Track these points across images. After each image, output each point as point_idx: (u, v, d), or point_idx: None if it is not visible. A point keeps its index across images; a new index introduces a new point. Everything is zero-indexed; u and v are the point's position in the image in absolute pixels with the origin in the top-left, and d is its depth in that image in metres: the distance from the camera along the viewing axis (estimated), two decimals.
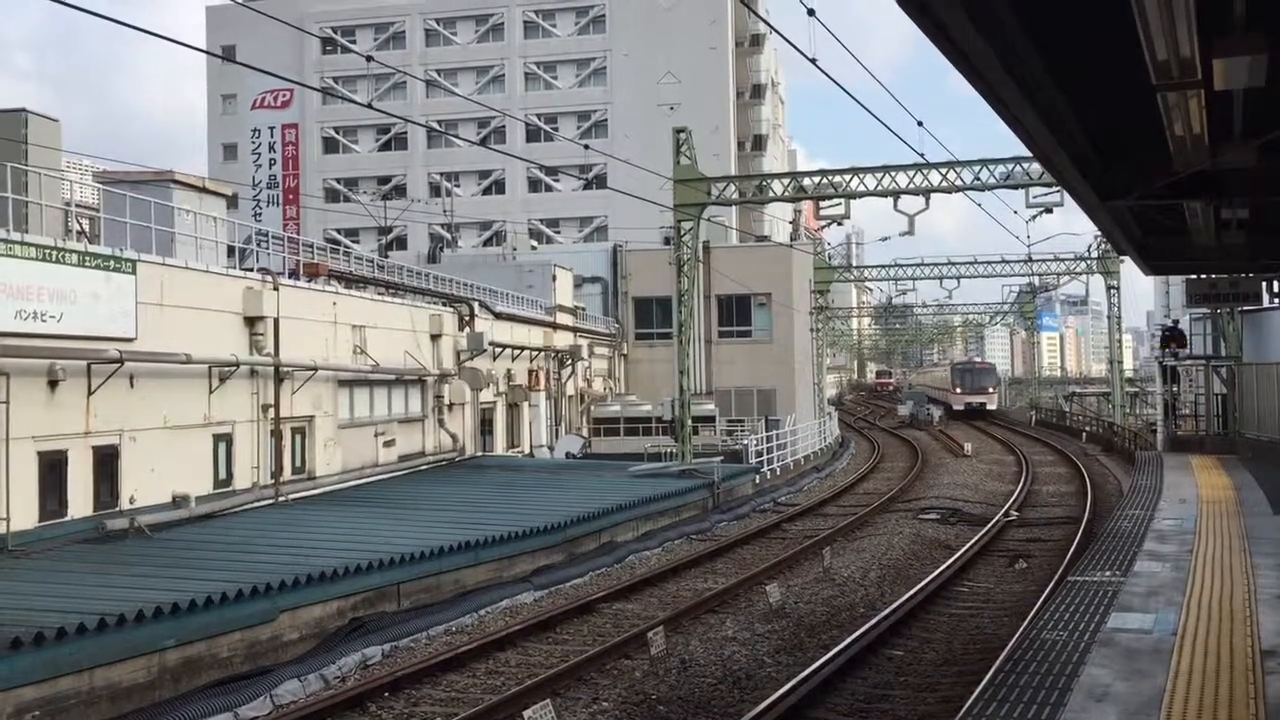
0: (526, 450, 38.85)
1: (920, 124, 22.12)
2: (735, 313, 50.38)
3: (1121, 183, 13.49)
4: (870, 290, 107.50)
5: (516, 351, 37.85)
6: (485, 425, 36.02)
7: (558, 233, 72.81)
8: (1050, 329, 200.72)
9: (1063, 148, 11.64)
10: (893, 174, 30.97)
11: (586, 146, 37.24)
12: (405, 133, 74.22)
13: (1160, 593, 10.56)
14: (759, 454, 38.01)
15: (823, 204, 34.25)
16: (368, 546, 17.52)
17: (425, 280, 36.61)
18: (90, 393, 19.28)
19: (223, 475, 22.77)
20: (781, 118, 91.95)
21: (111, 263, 19.81)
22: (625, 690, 12.69)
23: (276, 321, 24.07)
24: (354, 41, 74.23)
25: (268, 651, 14.18)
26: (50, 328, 18.37)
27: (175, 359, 21.04)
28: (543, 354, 40.35)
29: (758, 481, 35.24)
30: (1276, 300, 27.72)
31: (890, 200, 31.58)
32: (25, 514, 17.92)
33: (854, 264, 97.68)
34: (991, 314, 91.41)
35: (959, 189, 30.50)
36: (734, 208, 42.23)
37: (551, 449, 40.07)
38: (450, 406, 32.60)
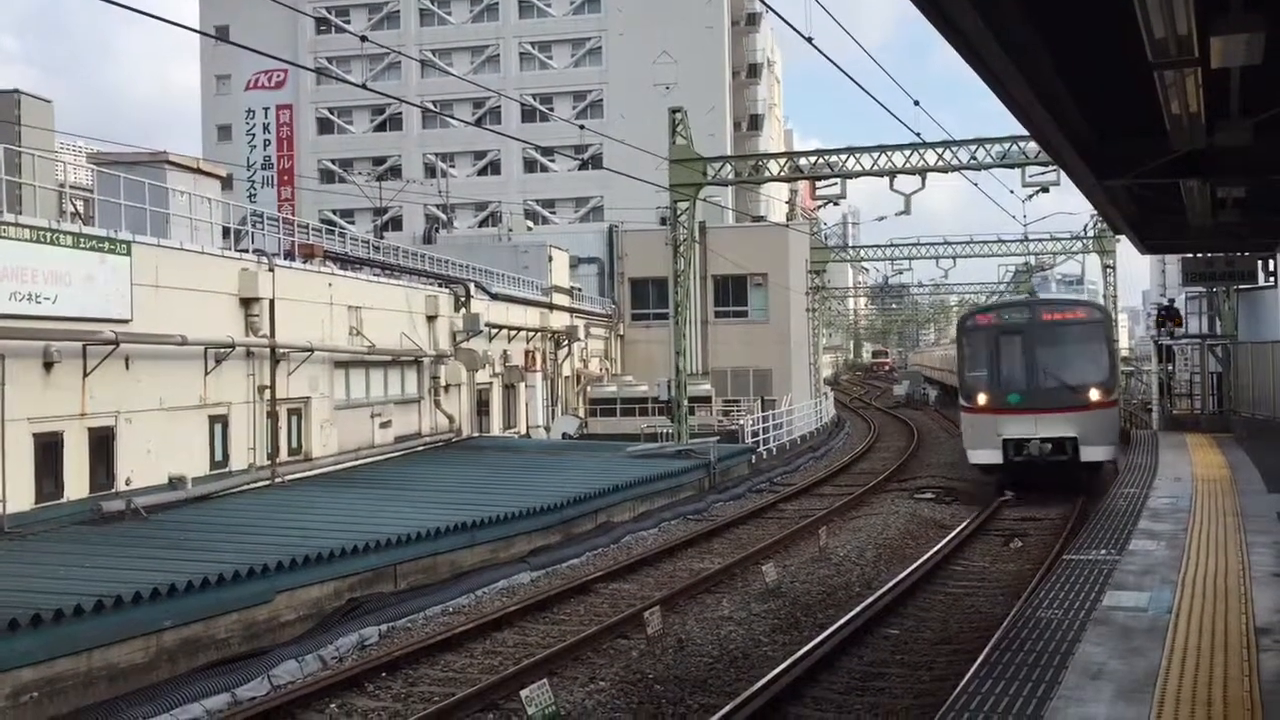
0: (523, 431, 38.86)
1: (917, 103, 22.13)
2: (732, 293, 50.37)
3: (1118, 162, 13.48)
4: (866, 270, 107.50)
5: (513, 332, 37.81)
6: (482, 406, 36.01)
7: (553, 213, 72.65)
8: None
9: (1060, 127, 11.63)
10: (889, 154, 30.93)
11: (582, 127, 37.14)
12: (400, 113, 73.95)
13: (1155, 571, 10.58)
14: (755, 434, 38.03)
15: (819, 184, 34.22)
16: (364, 527, 17.52)
17: (421, 261, 36.55)
18: (86, 374, 19.26)
19: (219, 457, 22.77)
20: (777, 97, 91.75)
21: (106, 244, 19.75)
22: (622, 669, 12.72)
23: (272, 303, 24.03)
24: (348, 21, 73.90)
25: (265, 632, 14.21)
26: (45, 309, 18.33)
27: (171, 340, 21.01)
28: (539, 335, 40.31)
29: (754, 461, 35.27)
30: (1272, 279, 27.73)
31: (886, 180, 31.55)
32: (21, 496, 17.92)
33: (850, 244, 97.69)
34: (988, 294, 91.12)
35: (955, 168, 30.50)
36: (730, 188, 42.15)
37: (548, 430, 40.09)
38: (446, 387, 32.58)
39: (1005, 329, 25.82)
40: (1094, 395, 24.98)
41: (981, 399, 25.60)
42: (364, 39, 20.09)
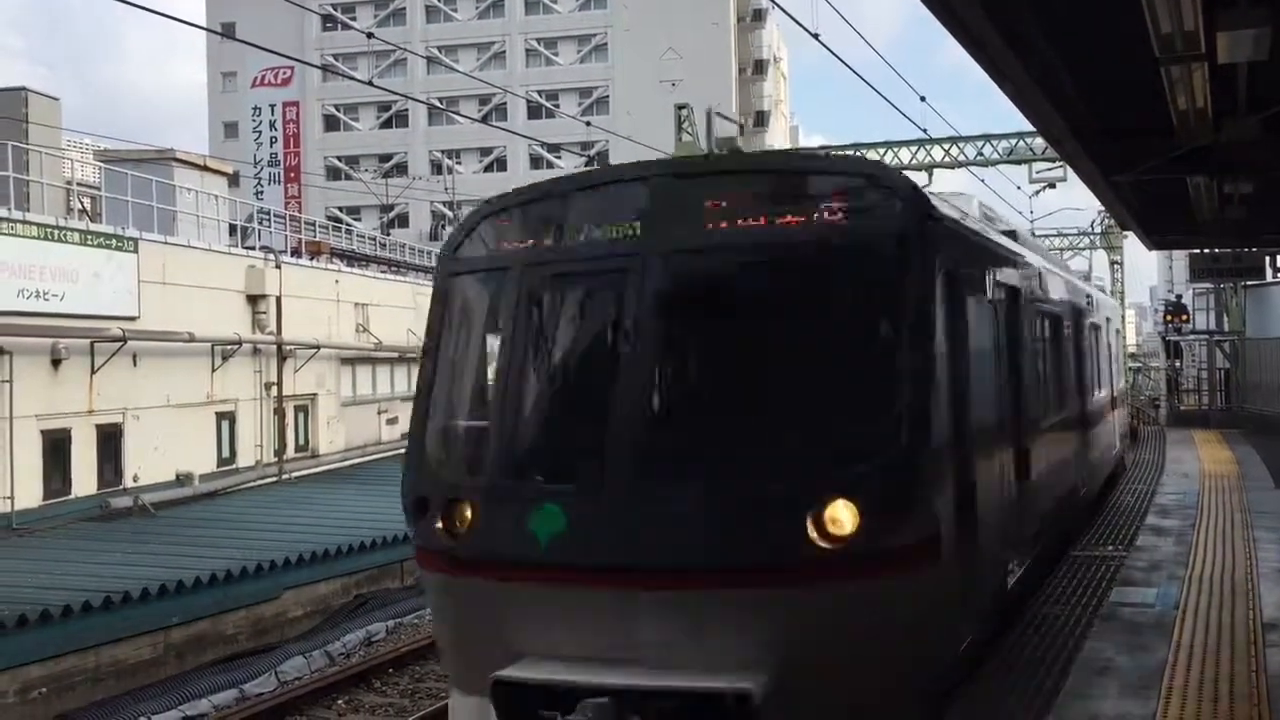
0: None
1: (923, 99, 22.05)
2: None
3: (1125, 158, 13.43)
4: None
5: None
6: None
7: None
8: None
9: (1067, 123, 11.59)
10: (895, 150, 30.84)
11: (588, 123, 37.09)
12: (406, 110, 73.95)
13: (1162, 567, 10.57)
14: None
15: None
16: (371, 524, 17.55)
17: (428, 258, 36.57)
18: (93, 371, 19.29)
19: (226, 453, 22.81)
20: (784, 94, 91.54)
21: (113, 241, 19.78)
22: None
23: (279, 300, 24.05)
24: (354, 18, 73.89)
25: (272, 628, 14.25)
26: (53, 307, 18.37)
27: (178, 337, 21.04)
28: None
29: None
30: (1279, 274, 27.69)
31: None
32: (29, 493, 17.96)
33: None
34: None
35: (962, 164, 30.40)
36: None
37: None
38: None
39: (562, 268, 7.01)
40: (871, 519, 5.70)
41: (457, 523, 6.72)
42: (370, 36, 20.06)
